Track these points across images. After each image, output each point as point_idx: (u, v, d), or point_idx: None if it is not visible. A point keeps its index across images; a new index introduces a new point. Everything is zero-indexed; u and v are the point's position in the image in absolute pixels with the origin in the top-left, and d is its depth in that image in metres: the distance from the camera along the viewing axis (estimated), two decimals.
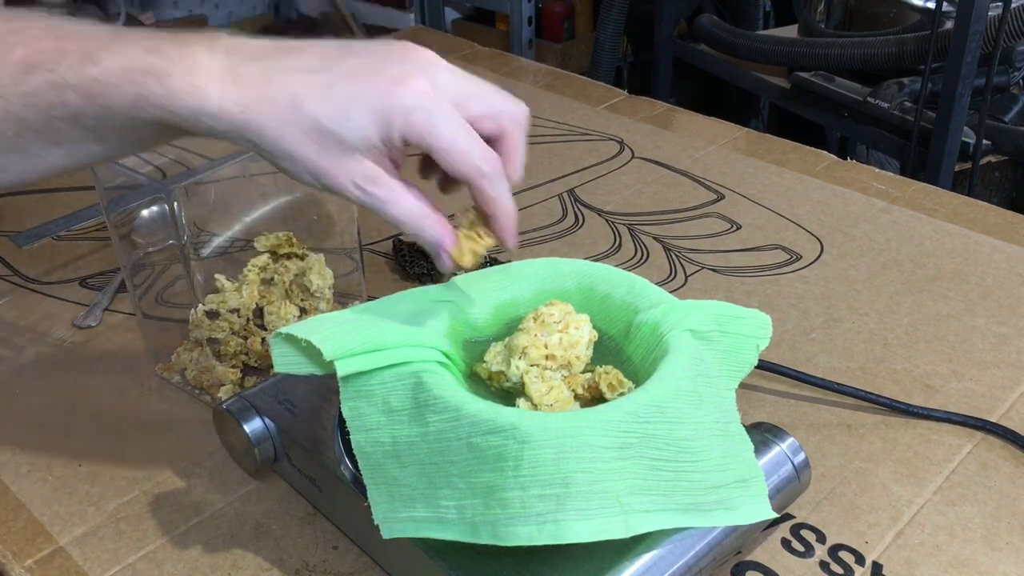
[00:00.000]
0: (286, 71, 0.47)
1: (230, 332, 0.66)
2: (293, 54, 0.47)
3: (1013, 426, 0.64)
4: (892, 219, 0.88)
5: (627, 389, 0.50)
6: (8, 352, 0.74)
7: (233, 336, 0.66)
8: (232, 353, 0.66)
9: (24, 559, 0.57)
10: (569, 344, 0.51)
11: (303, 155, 0.46)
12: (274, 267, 0.68)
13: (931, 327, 0.74)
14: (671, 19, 2.13)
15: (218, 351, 0.66)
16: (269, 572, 0.55)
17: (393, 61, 0.47)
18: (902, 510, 0.58)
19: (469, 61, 1.27)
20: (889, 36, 1.67)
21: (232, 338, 0.66)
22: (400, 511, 0.47)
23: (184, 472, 0.62)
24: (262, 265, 0.68)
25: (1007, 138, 1.62)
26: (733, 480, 0.48)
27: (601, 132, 1.06)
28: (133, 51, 0.45)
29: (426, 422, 0.47)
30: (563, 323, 0.52)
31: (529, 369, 0.51)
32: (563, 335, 0.51)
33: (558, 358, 0.51)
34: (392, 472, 0.48)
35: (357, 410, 0.49)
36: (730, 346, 0.53)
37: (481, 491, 0.45)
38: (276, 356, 0.50)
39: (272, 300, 0.67)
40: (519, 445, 0.44)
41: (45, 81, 0.45)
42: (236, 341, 0.66)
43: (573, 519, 0.44)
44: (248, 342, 0.67)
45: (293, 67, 0.47)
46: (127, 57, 0.45)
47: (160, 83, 0.45)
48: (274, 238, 0.68)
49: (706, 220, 0.89)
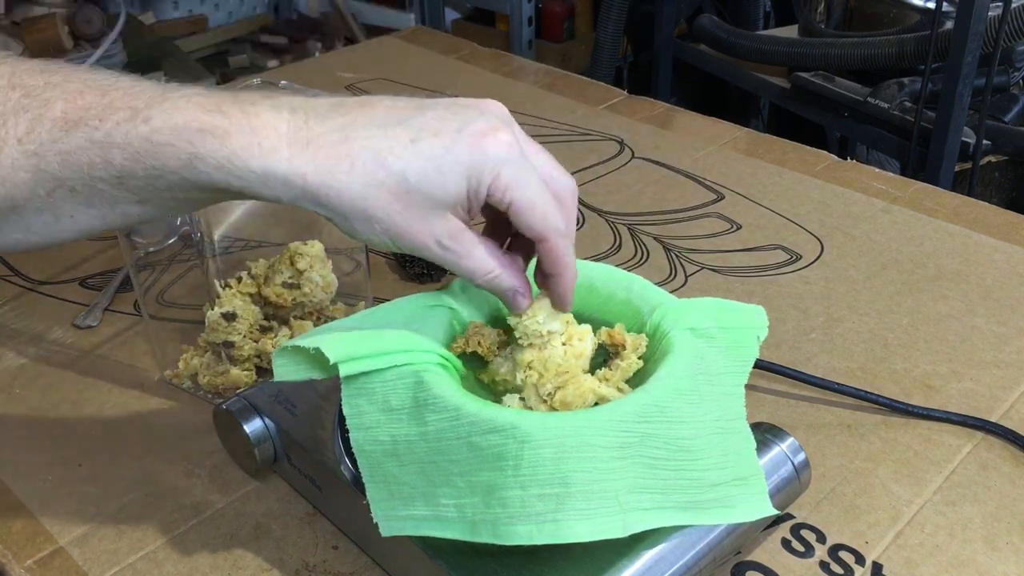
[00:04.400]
0: (363, 127, 0.44)
1: (245, 335, 0.66)
2: (364, 109, 0.45)
3: (1013, 426, 0.64)
4: (892, 219, 0.88)
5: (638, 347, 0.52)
6: (8, 352, 0.74)
7: (247, 340, 0.66)
8: (246, 356, 0.66)
9: (24, 559, 0.57)
10: (574, 356, 0.52)
11: (384, 216, 0.44)
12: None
13: (931, 327, 0.74)
14: (671, 19, 2.13)
15: (231, 354, 0.66)
16: (269, 572, 0.55)
17: (472, 113, 0.45)
18: (902, 510, 0.58)
19: (469, 61, 1.27)
20: (889, 36, 1.67)
21: (246, 342, 0.66)
22: (399, 509, 0.48)
23: (184, 472, 0.62)
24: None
25: (1007, 138, 1.62)
26: (732, 478, 0.48)
27: (601, 132, 1.06)
28: (188, 108, 0.43)
29: (425, 421, 0.47)
30: (566, 335, 0.52)
31: (533, 378, 0.51)
32: (568, 347, 0.52)
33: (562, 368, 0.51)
34: (391, 470, 0.48)
35: (357, 408, 0.49)
36: (731, 341, 0.53)
37: (481, 490, 0.45)
38: (277, 367, 0.50)
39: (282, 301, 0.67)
40: (519, 444, 0.44)
41: (87, 139, 0.43)
42: (250, 344, 0.66)
43: (573, 519, 0.44)
44: (260, 343, 0.67)
45: (369, 123, 0.44)
46: (181, 115, 0.42)
47: (221, 143, 0.42)
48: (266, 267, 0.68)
49: (706, 220, 0.89)
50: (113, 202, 0.45)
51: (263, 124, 0.43)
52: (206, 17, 2.69)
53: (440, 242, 0.46)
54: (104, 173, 0.43)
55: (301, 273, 0.67)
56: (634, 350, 0.52)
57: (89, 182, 0.44)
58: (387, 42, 1.38)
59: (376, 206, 0.44)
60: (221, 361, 0.67)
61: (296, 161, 0.43)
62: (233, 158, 0.42)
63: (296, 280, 0.67)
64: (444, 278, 0.81)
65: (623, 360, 0.52)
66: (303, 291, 0.67)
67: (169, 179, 0.43)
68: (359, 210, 0.44)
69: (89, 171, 0.43)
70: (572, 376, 0.50)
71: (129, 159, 0.43)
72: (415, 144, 0.44)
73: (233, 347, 0.66)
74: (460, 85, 1.19)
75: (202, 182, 0.43)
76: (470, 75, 1.23)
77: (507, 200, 0.45)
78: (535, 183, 0.46)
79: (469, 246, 0.47)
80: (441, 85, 1.20)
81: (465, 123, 0.45)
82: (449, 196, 0.44)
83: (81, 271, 0.84)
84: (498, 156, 0.45)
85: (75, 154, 0.43)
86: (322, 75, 1.26)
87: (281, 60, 2.59)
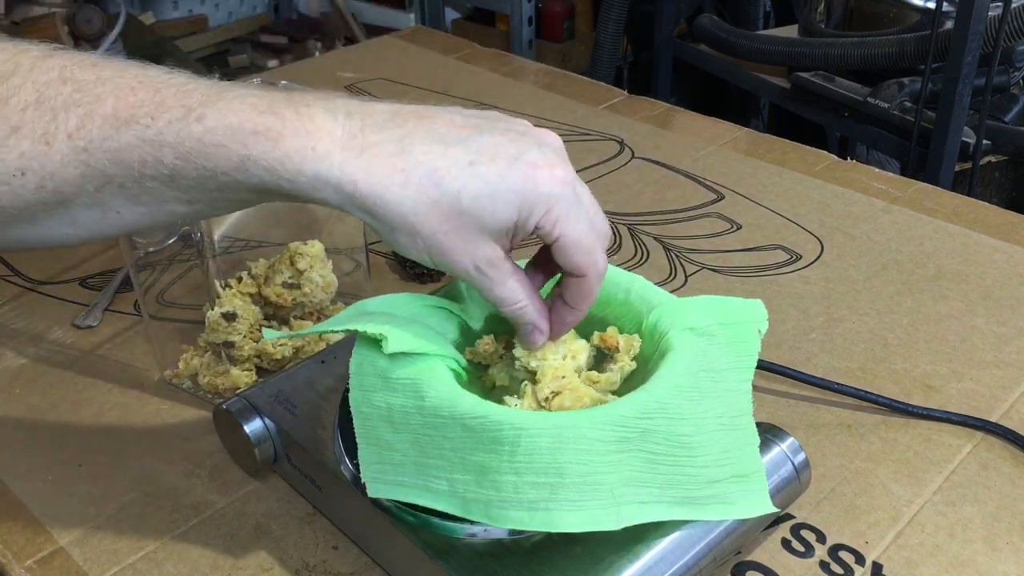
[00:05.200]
0: (421, 141, 0.44)
1: (245, 335, 0.66)
2: (423, 121, 0.45)
3: (1013, 426, 0.64)
4: (892, 219, 0.88)
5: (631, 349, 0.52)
6: (8, 352, 0.74)
7: (247, 340, 0.66)
8: (246, 356, 0.66)
9: (24, 559, 0.57)
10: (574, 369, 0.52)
11: (430, 234, 0.44)
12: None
13: (931, 327, 0.74)
14: (671, 19, 2.13)
15: (231, 354, 0.66)
16: (269, 572, 0.55)
17: (529, 143, 0.45)
18: (902, 510, 0.58)
19: (469, 61, 1.27)
20: (889, 36, 1.67)
21: (246, 342, 0.66)
22: (389, 474, 0.48)
23: (184, 472, 0.62)
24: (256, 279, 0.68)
25: (1007, 138, 1.62)
26: (732, 475, 0.48)
27: (601, 132, 1.06)
28: (241, 109, 0.42)
29: (422, 396, 0.47)
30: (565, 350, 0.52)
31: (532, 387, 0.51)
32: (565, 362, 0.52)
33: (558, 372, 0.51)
34: (384, 435, 0.48)
35: (360, 367, 0.49)
36: (732, 337, 0.53)
37: (474, 469, 0.46)
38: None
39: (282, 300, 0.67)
40: (516, 432, 0.45)
41: (139, 137, 0.42)
42: (250, 344, 0.66)
43: (565, 509, 0.44)
44: (260, 343, 0.67)
45: (427, 137, 0.44)
46: (236, 115, 0.42)
47: (274, 145, 0.42)
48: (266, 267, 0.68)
49: (706, 220, 0.89)
50: (162, 201, 0.45)
51: (317, 127, 0.43)
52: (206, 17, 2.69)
53: (478, 267, 0.46)
54: (154, 171, 0.43)
55: (301, 273, 0.67)
56: (627, 351, 0.53)
57: (139, 180, 0.43)
58: (387, 42, 1.38)
59: (424, 223, 0.44)
60: (221, 361, 0.67)
61: (349, 168, 0.42)
62: (285, 160, 0.42)
63: (296, 280, 0.67)
64: (444, 278, 0.81)
65: (617, 362, 0.52)
66: (303, 291, 0.67)
67: (220, 180, 0.43)
68: (407, 224, 0.44)
69: (140, 169, 0.43)
70: (570, 382, 0.50)
71: (180, 158, 0.42)
72: (472, 167, 0.43)
73: (233, 347, 0.66)
74: (460, 85, 1.19)
75: (253, 184, 0.43)
76: (470, 75, 1.23)
77: (556, 234, 0.45)
78: (584, 221, 0.46)
79: (505, 275, 0.47)
80: (441, 85, 1.20)
81: (522, 152, 0.45)
82: (498, 223, 0.44)
83: (81, 271, 0.84)
84: (551, 192, 0.45)
85: (125, 151, 0.43)
86: (322, 75, 1.26)
87: (281, 60, 2.60)
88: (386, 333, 0.48)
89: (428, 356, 0.49)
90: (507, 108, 1.12)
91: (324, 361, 0.62)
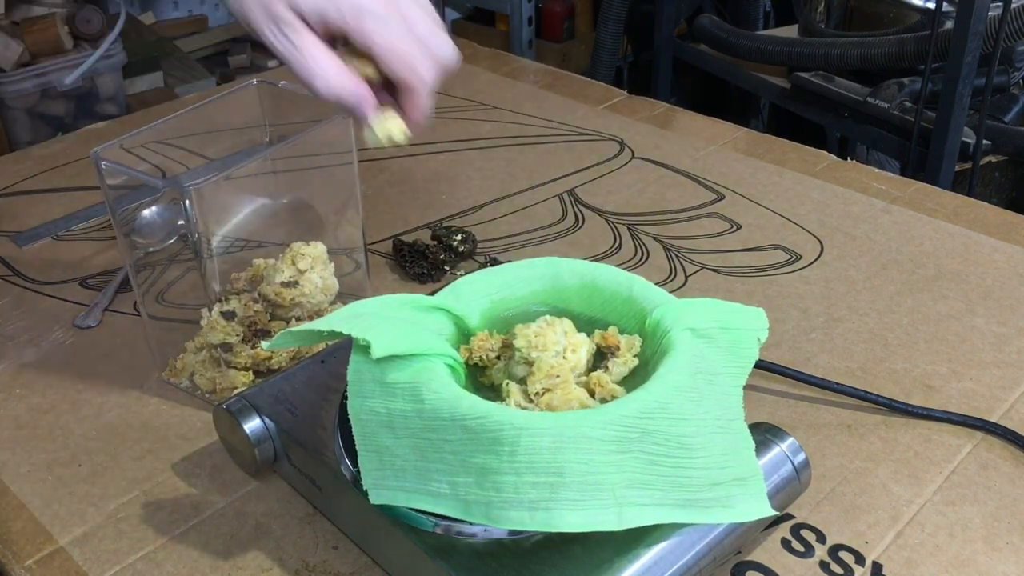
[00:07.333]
0: None
1: (242, 337, 0.66)
2: None
3: (1013, 426, 0.64)
4: (892, 219, 0.88)
5: (613, 394, 0.51)
6: (8, 352, 0.74)
7: (245, 340, 0.66)
8: (244, 357, 0.66)
9: (24, 559, 0.57)
10: (569, 366, 0.52)
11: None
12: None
13: (931, 327, 0.74)
14: (671, 19, 2.13)
15: (228, 359, 0.66)
16: (269, 572, 0.55)
17: None
18: (902, 510, 0.58)
19: (469, 61, 1.27)
20: (889, 36, 1.67)
21: (243, 347, 0.66)
22: (390, 479, 0.48)
23: (184, 472, 0.62)
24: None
25: (1007, 138, 1.62)
26: (732, 478, 0.48)
27: (601, 132, 1.06)
28: None
29: (422, 399, 0.47)
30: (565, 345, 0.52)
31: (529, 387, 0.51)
32: (564, 358, 0.52)
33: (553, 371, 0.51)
34: (384, 441, 0.48)
35: (358, 374, 0.49)
36: (731, 342, 0.53)
37: (475, 471, 0.46)
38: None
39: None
40: (516, 431, 0.45)
41: None
42: (247, 352, 0.66)
43: (566, 508, 0.44)
44: (256, 350, 0.66)
45: None
46: None
47: None
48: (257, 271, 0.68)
49: (706, 220, 0.89)
50: None
51: None
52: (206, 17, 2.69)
53: (278, 27, 0.48)
54: None
55: (302, 273, 0.67)
56: (628, 350, 0.53)
57: None
58: None
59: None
60: (219, 362, 0.67)
61: None
62: None
63: (296, 279, 0.67)
64: (444, 278, 0.81)
65: (618, 360, 0.52)
66: (302, 291, 0.67)
67: None
68: None
69: None
70: (563, 381, 0.50)
71: None
72: None
73: (231, 348, 0.66)
74: (460, 85, 1.19)
75: None
76: (470, 75, 1.23)
77: (368, 43, 0.48)
78: (401, 36, 0.49)
79: (309, 47, 0.49)
80: (440, 85, 1.20)
81: None
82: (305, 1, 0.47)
83: (81, 271, 0.84)
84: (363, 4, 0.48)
85: None
86: None
87: None
88: (371, 338, 0.48)
89: (425, 356, 0.49)
90: (507, 108, 1.12)
91: (324, 361, 0.62)
